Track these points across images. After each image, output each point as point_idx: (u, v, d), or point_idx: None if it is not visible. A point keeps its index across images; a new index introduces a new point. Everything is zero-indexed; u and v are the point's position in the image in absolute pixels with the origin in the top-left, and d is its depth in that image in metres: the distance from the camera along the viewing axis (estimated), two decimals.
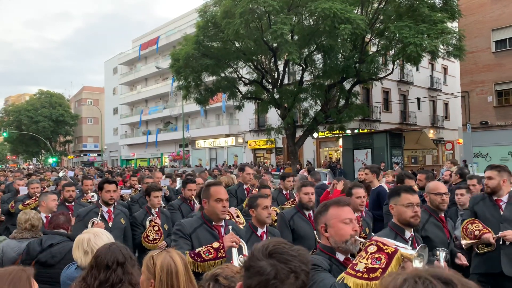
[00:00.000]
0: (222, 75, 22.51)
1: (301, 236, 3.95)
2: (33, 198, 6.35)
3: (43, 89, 62.77)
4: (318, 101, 21.99)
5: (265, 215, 3.48)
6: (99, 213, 4.51)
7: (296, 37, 19.43)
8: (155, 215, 5.05)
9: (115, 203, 4.82)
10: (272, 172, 17.31)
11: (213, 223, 3.07)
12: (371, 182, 5.94)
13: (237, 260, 2.64)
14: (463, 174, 6.80)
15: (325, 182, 13.02)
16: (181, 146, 35.58)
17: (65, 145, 67.66)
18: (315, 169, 16.62)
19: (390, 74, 21.18)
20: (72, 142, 67.80)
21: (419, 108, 33.42)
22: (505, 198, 4.04)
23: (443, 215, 3.73)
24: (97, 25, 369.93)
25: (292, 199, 5.70)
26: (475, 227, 3.93)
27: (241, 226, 3.83)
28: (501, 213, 3.99)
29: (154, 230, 4.81)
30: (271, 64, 21.89)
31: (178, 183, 9.52)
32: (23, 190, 7.07)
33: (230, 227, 3.01)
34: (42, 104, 59.68)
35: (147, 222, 4.94)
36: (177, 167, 30.07)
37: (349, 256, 2.23)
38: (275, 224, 4.38)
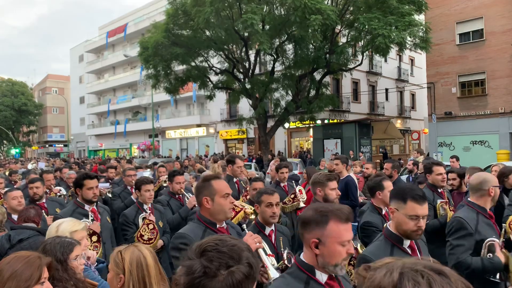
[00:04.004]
0: (193, 64, 22.21)
1: None
2: None
3: (4, 77, 60.00)
4: (289, 92, 22.11)
5: (268, 213, 3.07)
6: (89, 214, 4.00)
7: (267, 27, 19.38)
8: (148, 212, 4.47)
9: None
10: (244, 162, 17.30)
11: (217, 225, 2.61)
12: (341, 172, 6.02)
13: (269, 262, 2.21)
14: None
15: (296, 172, 13.16)
16: (151, 136, 35.01)
17: (28, 136, 65.12)
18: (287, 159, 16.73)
19: (359, 65, 21.52)
20: (37, 132, 65.35)
21: (387, 99, 34.20)
22: None
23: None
24: (62, 12, 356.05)
25: (292, 195, 5.06)
26: None
27: (252, 215, 3.44)
28: None
29: (148, 228, 4.22)
30: (242, 53, 21.76)
31: (148, 174, 9.33)
32: None
33: (244, 226, 2.59)
34: (3, 93, 57.12)
35: (140, 220, 4.35)
36: (146, 158, 29.59)
37: (333, 275, 1.90)
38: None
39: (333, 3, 19.50)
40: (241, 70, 22.10)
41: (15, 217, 4.17)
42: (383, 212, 3.69)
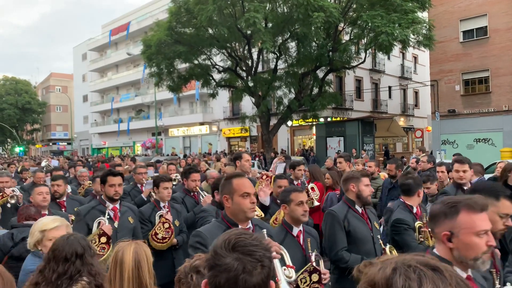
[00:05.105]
0: (196, 62, 22.23)
1: (358, 239, 3.39)
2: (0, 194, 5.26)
3: (7, 76, 60.28)
4: (292, 89, 22.10)
5: (300, 212, 3.03)
6: (106, 212, 3.82)
7: (270, 24, 19.36)
8: (166, 210, 4.37)
9: (121, 199, 4.12)
10: None
11: (240, 226, 2.50)
12: (344, 170, 6.04)
13: (282, 275, 1.79)
14: (435, 162, 7.00)
15: None
16: (154, 134, 35.08)
17: (32, 134, 65.42)
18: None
19: (362, 62, 21.48)
20: (40, 130, 65.65)
21: (390, 97, 34.11)
22: None
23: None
24: (64, 11, 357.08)
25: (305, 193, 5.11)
26: None
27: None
28: None
29: (164, 227, 4.14)
30: (245, 51, 21.76)
31: (150, 173, 9.34)
32: None
33: (265, 231, 2.38)
34: (7, 91, 57.37)
35: (157, 218, 4.28)
36: (149, 156, 29.67)
37: (470, 273, 1.77)
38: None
39: (336, 0, 19.45)
40: (244, 68, 22.10)
41: None
42: (414, 210, 3.69)
